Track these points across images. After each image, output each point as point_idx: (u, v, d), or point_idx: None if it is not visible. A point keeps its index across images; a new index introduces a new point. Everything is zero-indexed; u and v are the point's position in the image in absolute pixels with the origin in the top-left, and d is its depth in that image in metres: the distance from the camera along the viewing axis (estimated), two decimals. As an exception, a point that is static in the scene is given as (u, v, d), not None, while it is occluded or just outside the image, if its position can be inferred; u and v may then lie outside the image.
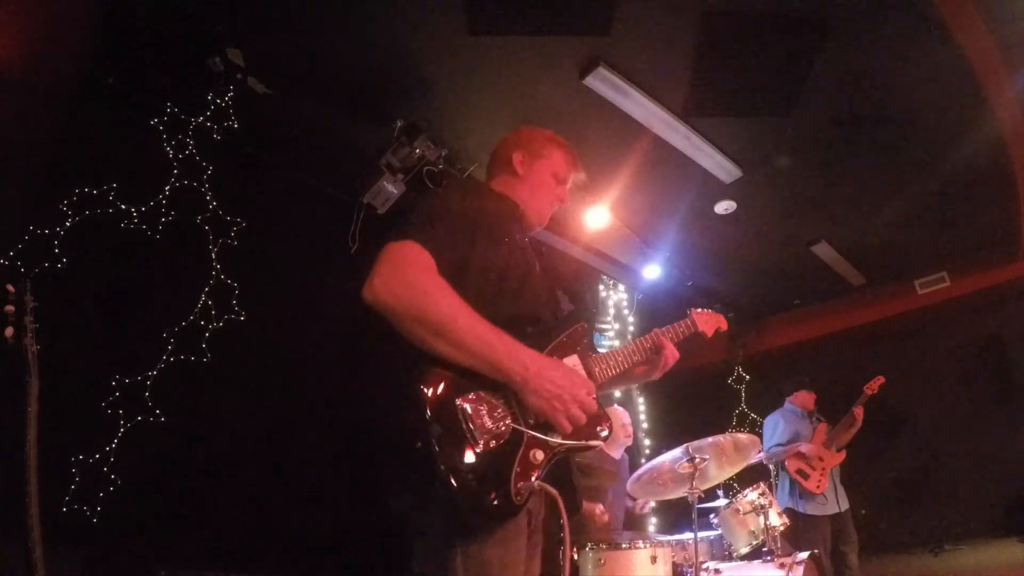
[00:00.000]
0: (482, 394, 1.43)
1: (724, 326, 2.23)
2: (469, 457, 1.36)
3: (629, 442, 4.67)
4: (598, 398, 1.63)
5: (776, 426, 5.33)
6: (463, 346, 1.40)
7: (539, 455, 1.43)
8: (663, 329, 1.98)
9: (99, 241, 3.57)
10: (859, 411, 5.04)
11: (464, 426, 1.38)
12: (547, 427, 1.47)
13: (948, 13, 3.69)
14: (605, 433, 1.56)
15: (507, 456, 1.40)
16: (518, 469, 1.39)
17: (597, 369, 1.69)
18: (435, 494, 1.34)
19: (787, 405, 5.43)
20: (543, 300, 1.70)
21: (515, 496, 1.36)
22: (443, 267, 1.48)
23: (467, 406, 1.40)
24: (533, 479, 1.41)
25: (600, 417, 1.56)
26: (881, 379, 5.10)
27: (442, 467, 1.33)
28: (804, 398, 5.37)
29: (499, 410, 1.44)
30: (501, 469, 1.38)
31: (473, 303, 1.46)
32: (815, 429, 5.17)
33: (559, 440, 1.47)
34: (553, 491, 1.40)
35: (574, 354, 1.64)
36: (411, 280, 1.41)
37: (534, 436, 1.44)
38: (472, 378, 1.43)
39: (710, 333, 2.16)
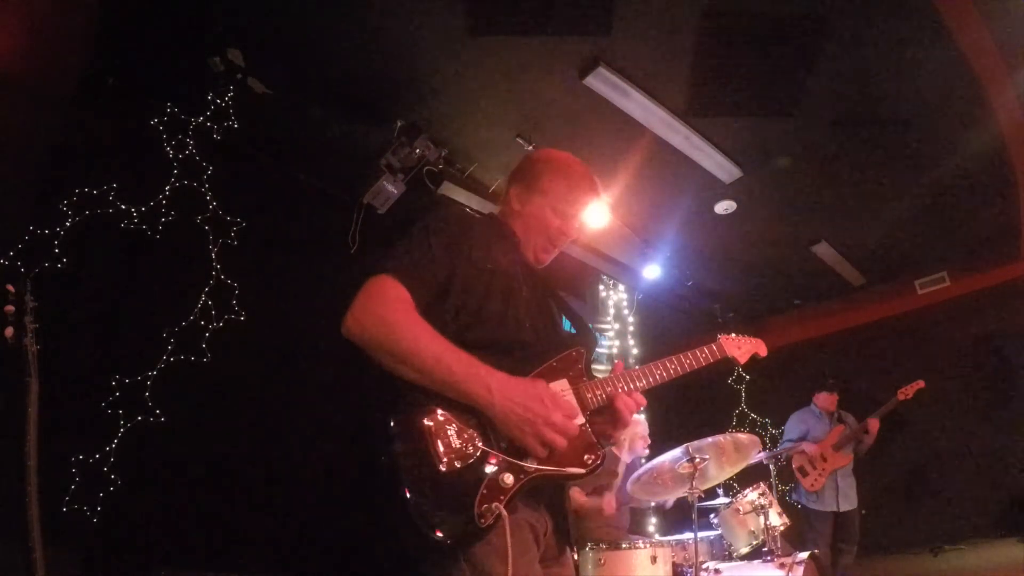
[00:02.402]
0: (453, 414, 1.42)
1: (763, 352, 2.09)
2: (431, 475, 1.35)
3: (645, 453, 4.67)
4: (591, 424, 1.57)
5: (792, 424, 5.53)
6: (425, 372, 1.42)
7: (509, 479, 1.38)
8: (681, 355, 1.80)
9: (99, 241, 3.57)
10: (874, 423, 5.11)
11: (428, 445, 1.37)
12: (522, 451, 1.42)
13: (948, 13, 3.69)
14: (592, 460, 1.49)
15: (473, 477, 1.37)
16: (484, 491, 1.36)
17: (590, 395, 1.59)
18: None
19: (811, 405, 5.56)
20: (529, 325, 1.64)
21: (478, 518, 1.33)
22: (421, 296, 1.52)
23: (433, 425, 1.39)
24: (501, 502, 1.36)
25: (588, 444, 1.50)
26: (920, 383, 5.11)
27: (402, 485, 1.35)
28: (825, 399, 5.49)
29: (470, 431, 1.41)
30: (465, 490, 1.36)
31: (452, 328, 1.51)
32: (832, 430, 5.27)
33: (535, 465, 1.41)
34: (505, 514, 1.35)
35: (563, 379, 1.57)
36: (379, 313, 1.47)
37: (505, 459, 1.39)
38: (445, 399, 1.43)
39: (743, 360, 2.04)
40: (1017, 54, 3.97)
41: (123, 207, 3.72)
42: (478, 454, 1.39)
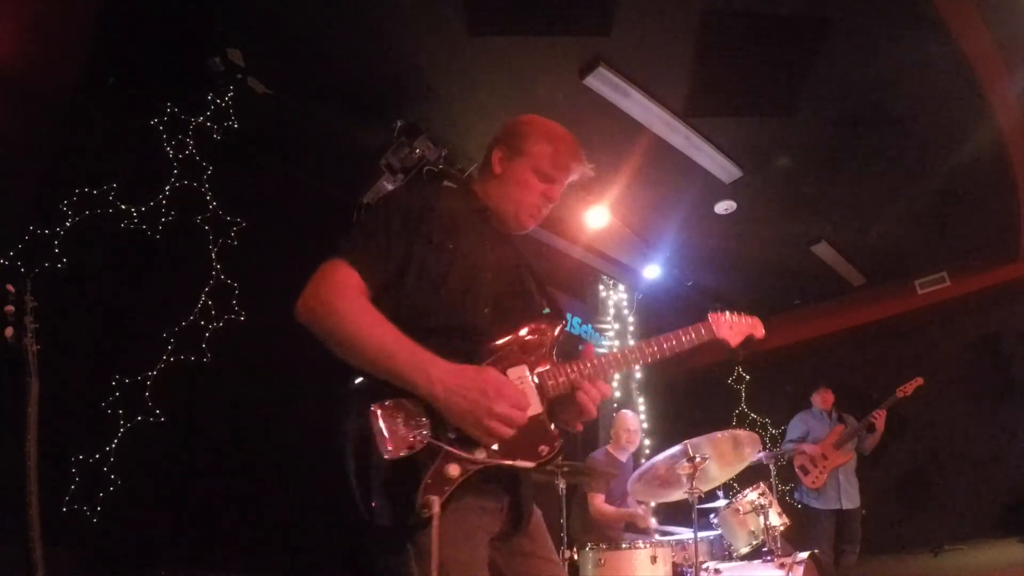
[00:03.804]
0: (403, 401, 1.38)
1: (759, 332, 1.95)
2: (377, 463, 1.34)
3: (632, 448, 4.70)
4: (555, 412, 1.53)
5: (793, 425, 5.59)
6: (367, 360, 1.40)
7: (454, 470, 1.35)
8: (663, 336, 1.73)
9: (99, 241, 3.57)
10: (881, 415, 5.11)
11: (375, 433, 1.35)
12: (471, 442, 1.38)
13: (948, 13, 3.69)
14: (546, 452, 1.44)
15: (418, 467, 1.34)
16: (429, 481, 1.33)
17: (551, 382, 1.51)
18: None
19: (811, 406, 5.60)
20: (488, 310, 1.57)
21: (420, 508, 1.30)
22: (375, 280, 1.50)
23: (381, 412, 1.37)
24: (444, 494, 1.33)
25: (544, 434, 1.45)
26: (919, 381, 5.12)
27: (347, 471, 1.36)
28: (820, 398, 5.55)
29: (419, 419, 1.38)
30: (409, 480, 1.33)
31: (407, 312, 1.48)
32: (832, 429, 5.31)
33: (483, 456, 1.37)
34: (437, 511, 1.30)
35: (523, 364, 1.50)
36: (324, 299, 1.46)
37: (451, 451, 1.36)
38: (397, 387, 1.40)
39: (735, 342, 1.90)
40: (1017, 54, 3.97)
41: (123, 207, 3.72)
42: (425, 444, 1.36)
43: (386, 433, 1.35)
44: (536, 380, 1.50)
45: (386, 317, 1.44)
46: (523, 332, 1.55)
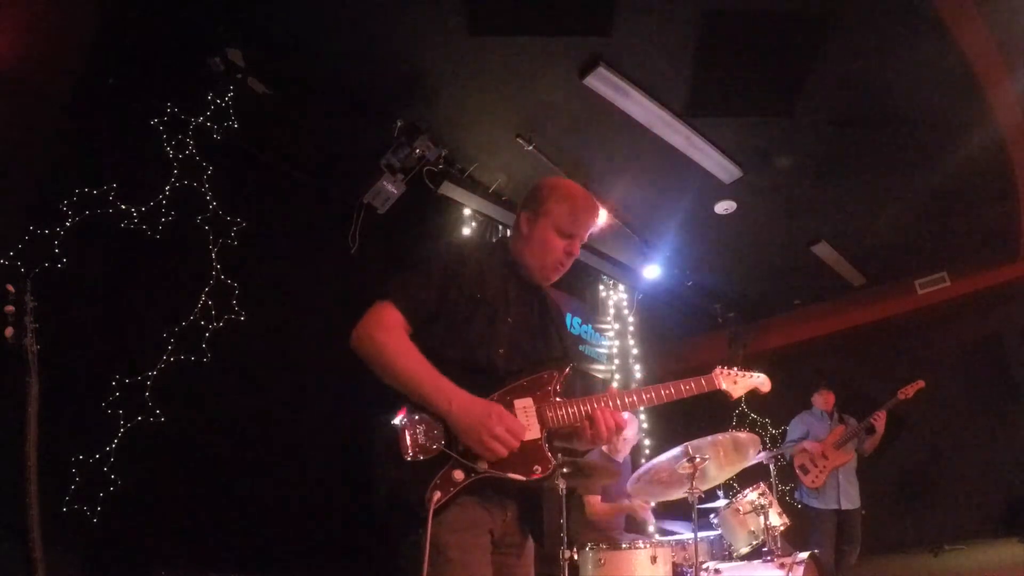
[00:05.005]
0: (426, 416, 1.72)
1: (765, 389, 2.13)
2: (396, 463, 1.68)
3: (626, 452, 4.71)
4: (557, 439, 1.80)
5: (794, 425, 5.60)
6: (401, 385, 1.75)
7: (459, 475, 1.68)
8: (662, 385, 1.94)
9: (99, 241, 3.57)
10: (881, 416, 5.10)
11: (399, 438, 1.69)
12: (476, 456, 1.70)
13: (948, 13, 3.69)
14: (539, 471, 1.73)
15: (429, 470, 1.67)
16: (437, 481, 1.66)
17: (551, 414, 1.81)
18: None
19: (812, 406, 5.60)
20: (503, 351, 1.87)
21: (427, 501, 1.61)
22: (414, 319, 1.84)
23: (406, 422, 1.71)
24: (450, 493, 1.65)
25: (540, 457, 1.75)
26: (920, 383, 5.11)
27: (376, 466, 1.71)
28: (822, 399, 5.55)
29: (436, 431, 1.71)
30: (420, 479, 1.66)
31: (437, 347, 1.81)
32: (833, 429, 5.32)
33: (484, 467, 1.69)
34: (434, 505, 1.61)
35: (529, 397, 1.81)
36: (371, 335, 1.81)
37: (458, 459, 1.68)
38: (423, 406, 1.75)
39: (736, 395, 2.09)
40: (1017, 54, 3.97)
41: (123, 207, 3.72)
42: (438, 452, 1.69)
43: (408, 439, 1.69)
44: (538, 411, 1.80)
45: (420, 349, 1.79)
46: (534, 371, 1.86)
